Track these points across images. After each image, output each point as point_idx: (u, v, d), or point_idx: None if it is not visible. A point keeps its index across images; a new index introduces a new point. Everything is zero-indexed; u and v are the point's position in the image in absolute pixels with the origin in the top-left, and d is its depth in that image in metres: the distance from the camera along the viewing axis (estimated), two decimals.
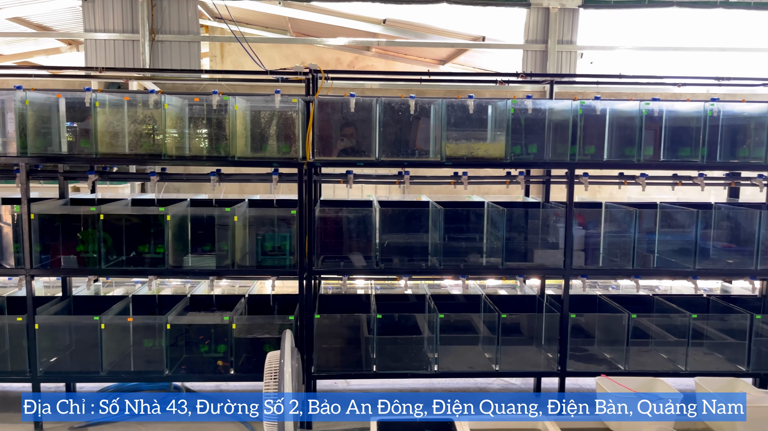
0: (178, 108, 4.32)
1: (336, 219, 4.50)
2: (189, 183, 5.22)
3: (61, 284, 4.84)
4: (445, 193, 5.74)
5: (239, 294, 5.00)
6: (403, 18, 9.47)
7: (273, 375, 3.75)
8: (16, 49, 12.13)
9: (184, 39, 8.56)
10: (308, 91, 4.67)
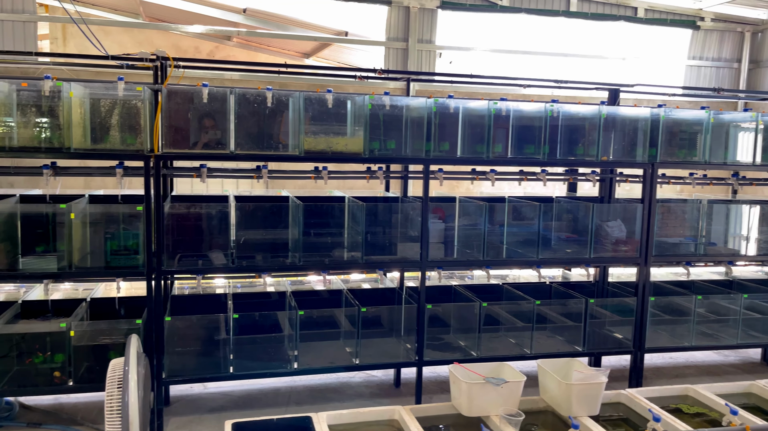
0: (5, 94, 3.87)
1: (189, 216, 4.28)
2: (24, 177, 4.71)
3: None
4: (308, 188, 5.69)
5: (81, 298, 4.60)
6: (265, 8, 9.25)
7: (117, 384, 3.48)
8: None
9: (18, 18, 7.71)
10: (156, 80, 4.40)
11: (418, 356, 4.62)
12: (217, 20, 9.41)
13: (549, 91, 8.72)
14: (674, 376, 5.61)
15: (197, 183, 5.01)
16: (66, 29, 10.62)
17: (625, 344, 5.10)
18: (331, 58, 11.69)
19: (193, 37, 11.07)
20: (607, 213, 5.12)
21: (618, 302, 5.24)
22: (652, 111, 4.99)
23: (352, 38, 9.62)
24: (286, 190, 5.27)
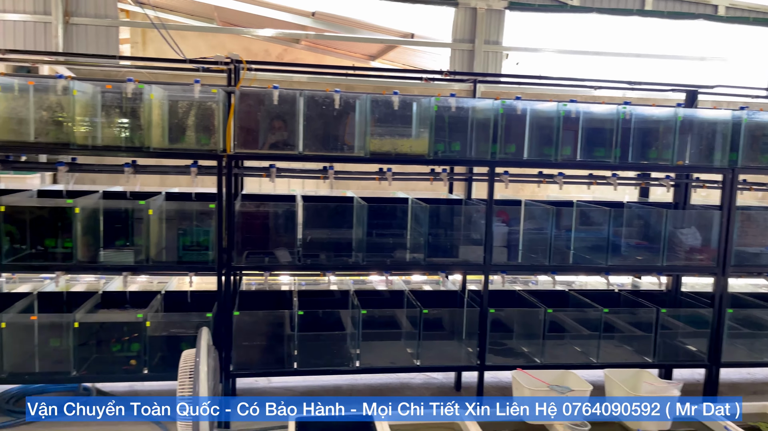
0: (90, 95, 4.10)
1: (258, 214, 4.40)
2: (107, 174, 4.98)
3: None
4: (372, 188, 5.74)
5: (156, 291, 4.81)
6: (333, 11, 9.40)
7: (188, 374, 3.62)
8: None
9: (101, 23, 8.16)
10: (230, 82, 4.55)
11: (479, 360, 4.58)
12: (286, 24, 9.65)
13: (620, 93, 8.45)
14: (752, 393, 5.33)
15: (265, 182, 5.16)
16: (146, 34, 11.14)
17: (699, 357, 4.89)
18: (397, 60, 11.75)
19: (263, 40, 11.38)
20: (682, 219, 4.92)
21: (692, 313, 5.02)
22: (733, 113, 4.76)
23: (418, 40, 9.65)
24: (350, 190, 5.34)
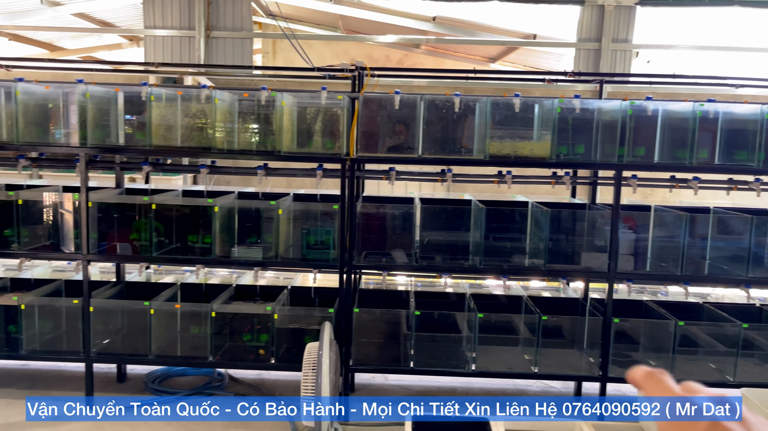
0: (228, 103, 4.44)
1: (377, 215, 4.55)
2: (239, 176, 5.37)
3: (115, 270, 5.06)
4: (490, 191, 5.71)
5: (282, 286, 5.11)
6: (454, 15, 9.43)
7: (311, 366, 3.83)
8: (80, 44, 12.67)
9: (237, 35, 8.77)
10: (354, 88, 4.72)
11: (601, 371, 4.41)
12: (408, 29, 9.82)
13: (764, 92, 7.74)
14: None
15: (383, 185, 5.31)
16: (276, 44, 11.80)
17: None
18: (517, 62, 11.56)
19: (384, 46, 11.66)
20: None
21: None
22: None
23: (541, 41, 9.43)
24: (467, 193, 5.35)
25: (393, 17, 9.67)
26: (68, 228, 4.63)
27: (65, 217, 4.65)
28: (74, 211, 4.58)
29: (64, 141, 4.48)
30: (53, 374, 5.09)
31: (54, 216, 4.68)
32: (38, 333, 4.54)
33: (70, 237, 4.61)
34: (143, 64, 6.05)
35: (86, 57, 12.74)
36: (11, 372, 5.09)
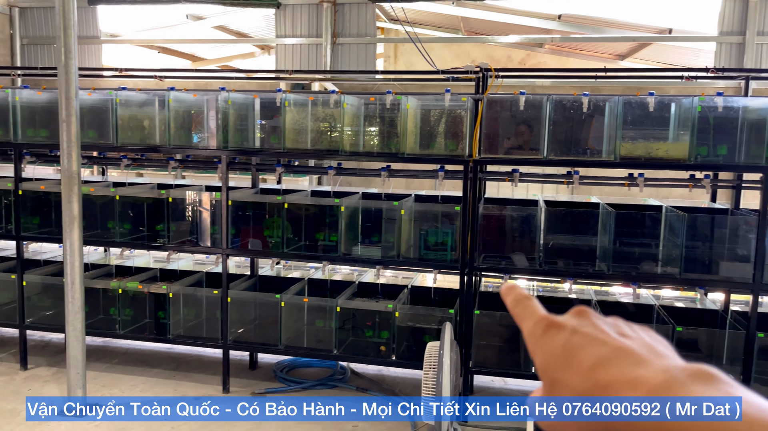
0: (355, 107, 4.62)
1: (499, 217, 4.51)
2: (360, 177, 5.55)
3: (250, 264, 5.42)
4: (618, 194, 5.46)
5: (402, 285, 5.22)
6: (580, 12, 9.11)
7: (432, 365, 3.88)
8: (219, 53, 13.66)
9: (361, 41, 9.04)
10: (477, 90, 4.73)
11: None
12: (531, 29, 9.62)
13: None
14: None
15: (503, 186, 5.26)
16: (397, 48, 12.02)
17: None
18: (650, 58, 10.92)
19: (506, 46, 11.49)
20: None
21: None
22: None
23: (677, 35, 8.86)
24: (594, 196, 5.16)
25: (516, 17, 9.51)
26: (206, 225, 5.03)
27: (203, 215, 5.06)
28: (211, 208, 4.97)
29: (204, 145, 4.87)
30: (194, 358, 5.56)
31: (195, 213, 5.10)
32: (182, 320, 4.97)
33: (207, 233, 5.01)
34: (276, 71, 6.43)
35: (223, 66, 13.71)
36: (158, 355, 5.61)
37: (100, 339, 5.62)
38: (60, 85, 4.20)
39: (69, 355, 4.41)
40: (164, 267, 5.57)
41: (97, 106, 4.92)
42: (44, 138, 5.05)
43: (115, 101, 4.83)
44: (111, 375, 5.13)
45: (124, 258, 5.64)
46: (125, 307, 5.05)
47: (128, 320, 5.05)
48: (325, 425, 4.25)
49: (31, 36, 10.34)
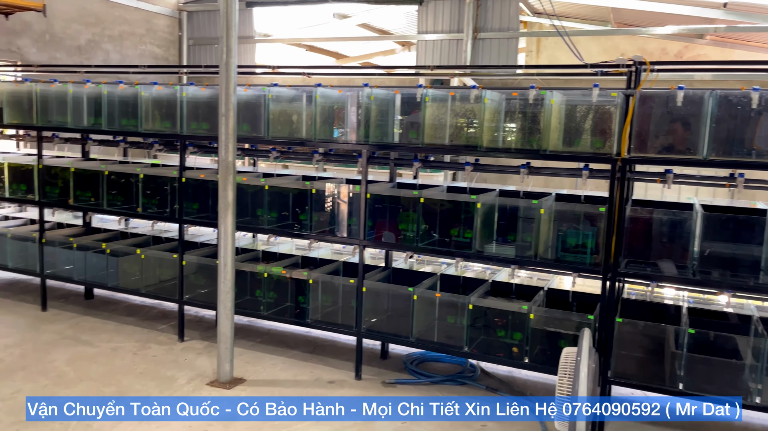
0: (496, 102, 4.54)
1: (648, 221, 4.22)
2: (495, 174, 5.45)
3: (384, 256, 5.55)
4: None
5: (536, 286, 5.06)
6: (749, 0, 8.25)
7: (567, 372, 3.74)
8: (361, 51, 14.10)
9: (503, 36, 8.89)
10: (629, 84, 4.45)
11: None
12: (690, 18, 8.89)
13: None
14: None
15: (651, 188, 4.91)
16: (540, 42, 11.66)
17: None
18: None
19: (660, 38, 10.72)
20: None
21: None
22: None
23: None
24: (760, 201, 4.65)
25: (674, 6, 8.83)
26: (344, 216, 5.20)
27: (342, 206, 5.24)
28: (348, 201, 5.13)
29: (344, 139, 5.04)
30: (329, 342, 5.80)
31: (334, 204, 5.30)
32: (320, 306, 5.21)
33: (343, 224, 5.18)
34: (417, 67, 6.50)
35: (364, 63, 14.13)
36: (297, 337, 5.92)
37: (246, 319, 6.04)
38: (221, 82, 4.56)
39: (219, 331, 4.79)
40: (305, 254, 5.86)
41: (251, 102, 5.27)
42: (205, 130, 5.50)
43: (268, 97, 5.15)
44: (254, 353, 5.50)
45: (270, 244, 6.00)
46: (269, 290, 5.38)
47: (271, 302, 5.39)
48: (454, 424, 4.25)
49: (196, 37, 11.33)
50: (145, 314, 6.46)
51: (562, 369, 3.76)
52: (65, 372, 4.91)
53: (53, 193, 6.28)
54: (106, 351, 5.40)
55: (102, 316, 6.31)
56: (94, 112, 5.94)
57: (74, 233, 6.66)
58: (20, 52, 8.62)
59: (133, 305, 6.72)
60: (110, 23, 10.08)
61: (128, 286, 6.01)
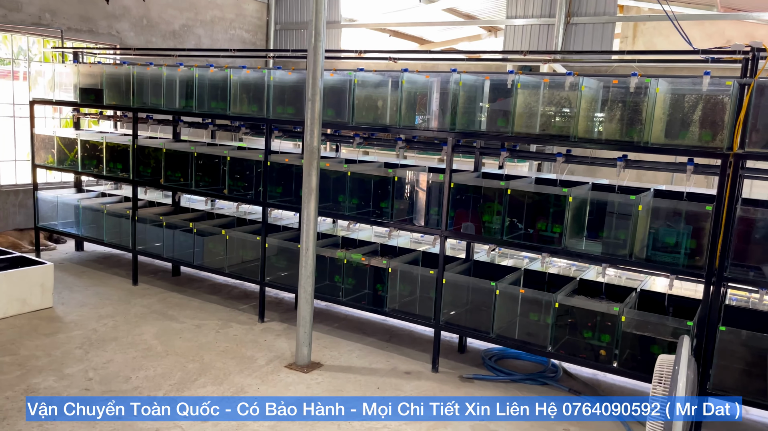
0: (593, 90, 4.27)
1: (757, 222, 3.85)
2: (584, 166, 5.16)
3: (465, 247, 5.40)
4: None
5: (627, 287, 4.78)
6: None
7: (662, 380, 3.48)
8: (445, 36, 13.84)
9: (598, 20, 8.44)
10: (744, 73, 4.08)
11: None
12: None
13: None
14: None
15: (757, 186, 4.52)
16: (636, 27, 11.00)
17: None
18: None
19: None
20: None
21: None
22: None
23: None
24: None
25: None
26: (425, 205, 5.08)
27: (422, 195, 5.11)
28: (429, 189, 5.00)
29: (425, 126, 4.91)
30: (405, 332, 5.74)
31: (414, 193, 5.18)
32: (398, 295, 5.14)
33: (421, 213, 5.05)
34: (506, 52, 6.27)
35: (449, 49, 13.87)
36: (373, 324, 5.90)
37: (324, 303, 6.07)
38: (308, 66, 4.53)
39: (299, 315, 4.82)
40: (384, 242, 5.81)
41: (337, 87, 5.24)
42: (290, 115, 5.53)
43: (354, 82, 5.09)
44: (332, 338, 5.52)
45: (350, 230, 5.99)
46: (348, 276, 5.37)
47: (350, 289, 5.37)
48: (534, 424, 4.09)
49: (283, 22, 11.47)
50: (228, 293, 6.63)
51: (656, 378, 3.50)
52: (153, 346, 5.10)
53: (146, 172, 6.52)
54: (191, 328, 5.57)
55: (188, 293, 6.53)
56: (186, 94, 6.10)
57: (164, 212, 6.92)
58: (119, 35, 9.01)
59: (216, 284, 6.91)
60: (202, 8, 10.36)
61: (213, 265, 6.17)
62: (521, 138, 4.57)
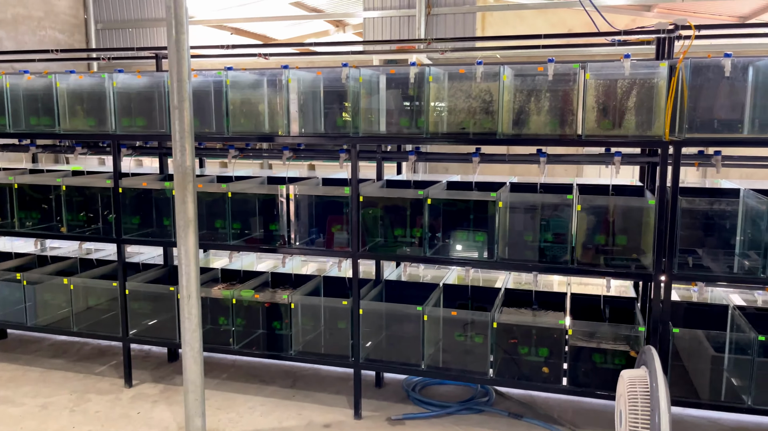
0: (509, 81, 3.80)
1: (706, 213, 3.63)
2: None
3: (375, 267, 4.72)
4: None
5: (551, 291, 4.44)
6: None
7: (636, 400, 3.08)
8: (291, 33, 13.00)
9: (459, 11, 8.21)
10: (659, 55, 3.87)
11: None
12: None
13: None
14: None
15: None
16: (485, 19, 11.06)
17: None
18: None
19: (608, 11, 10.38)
20: None
21: None
22: None
23: None
24: None
25: None
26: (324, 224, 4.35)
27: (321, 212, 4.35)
28: (326, 204, 4.27)
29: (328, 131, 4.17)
30: (310, 372, 4.93)
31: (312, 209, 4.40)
32: (301, 332, 4.33)
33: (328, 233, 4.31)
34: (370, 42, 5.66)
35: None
36: (269, 367, 5.01)
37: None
38: (171, 66, 3.54)
39: (187, 379, 3.81)
40: (273, 270, 4.95)
41: (203, 90, 4.27)
42: (141, 128, 4.45)
43: (225, 83, 4.16)
44: (223, 394, 4.55)
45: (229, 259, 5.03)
46: (237, 317, 4.44)
47: (241, 331, 4.45)
48: None
49: (105, 20, 9.91)
50: (77, 352, 5.32)
51: (630, 398, 3.10)
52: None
53: None
54: (34, 411, 4.29)
55: (21, 361, 5.13)
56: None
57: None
58: None
59: (58, 342, 5.55)
60: (1, 5, 8.54)
61: (54, 324, 4.86)
62: (438, 139, 3.97)
